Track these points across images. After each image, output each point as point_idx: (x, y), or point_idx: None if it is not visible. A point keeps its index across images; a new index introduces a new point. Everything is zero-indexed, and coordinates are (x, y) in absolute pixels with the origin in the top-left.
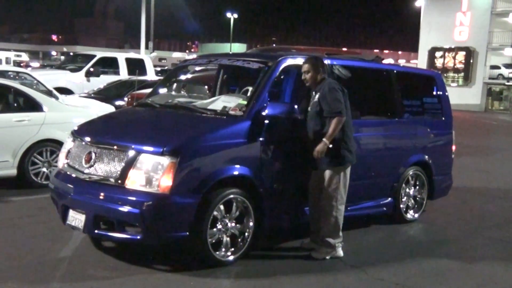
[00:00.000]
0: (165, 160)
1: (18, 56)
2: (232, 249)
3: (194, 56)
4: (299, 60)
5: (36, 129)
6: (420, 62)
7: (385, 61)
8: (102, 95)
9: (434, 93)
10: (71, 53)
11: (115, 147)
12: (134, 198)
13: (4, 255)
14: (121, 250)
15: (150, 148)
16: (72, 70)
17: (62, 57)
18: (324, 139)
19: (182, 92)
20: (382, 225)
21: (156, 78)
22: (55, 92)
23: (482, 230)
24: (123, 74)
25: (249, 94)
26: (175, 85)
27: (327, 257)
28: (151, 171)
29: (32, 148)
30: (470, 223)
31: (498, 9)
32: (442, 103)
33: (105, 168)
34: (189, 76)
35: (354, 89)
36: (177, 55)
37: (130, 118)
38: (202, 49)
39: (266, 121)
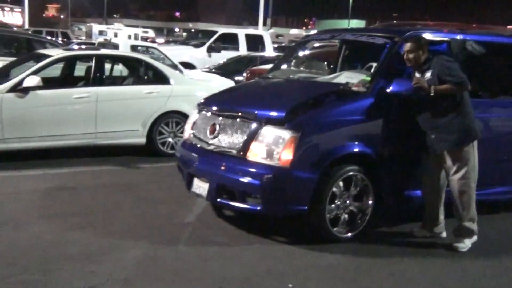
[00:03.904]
0: (287, 134)
1: (145, 32)
2: (350, 226)
3: (312, 32)
4: (428, 35)
5: (164, 101)
6: None
7: None
8: (222, 70)
9: None
10: (193, 30)
11: (239, 113)
12: (255, 170)
13: (135, 217)
14: (241, 220)
15: (273, 121)
16: (195, 46)
17: (185, 34)
18: (432, 87)
19: (302, 68)
20: None
21: (274, 54)
22: (180, 66)
23: None
24: (243, 50)
25: (372, 70)
26: (295, 61)
27: (471, 245)
28: (272, 144)
29: (159, 118)
30: None
31: None
32: None
33: (228, 139)
34: (308, 52)
35: (488, 66)
36: (294, 31)
37: (254, 90)
38: (320, 25)
39: (390, 99)
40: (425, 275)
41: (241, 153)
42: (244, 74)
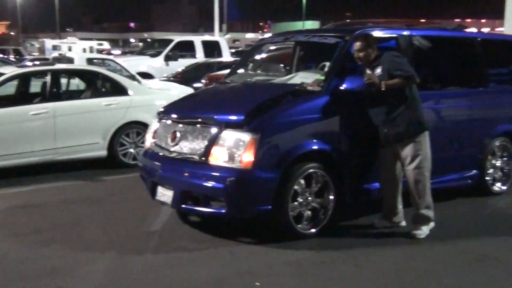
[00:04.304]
0: (247, 137)
1: (100, 44)
2: (313, 222)
3: (267, 35)
4: (377, 33)
5: (123, 112)
6: (507, 29)
7: (467, 30)
8: (181, 78)
9: None
10: (148, 39)
11: (199, 119)
12: (217, 174)
13: (101, 229)
14: (207, 224)
15: (232, 125)
16: (152, 56)
17: (141, 44)
18: (383, 82)
19: (258, 71)
20: (468, 198)
21: (231, 59)
22: (137, 76)
23: None
24: (200, 57)
25: (326, 69)
26: (251, 64)
27: (428, 232)
28: (233, 147)
29: (120, 130)
30: None
31: None
32: None
33: (190, 145)
34: (265, 55)
35: (435, 60)
36: (250, 35)
37: (212, 95)
38: (275, 28)
39: (344, 96)
40: (388, 263)
41: (203, 158)
42: (203, 81)
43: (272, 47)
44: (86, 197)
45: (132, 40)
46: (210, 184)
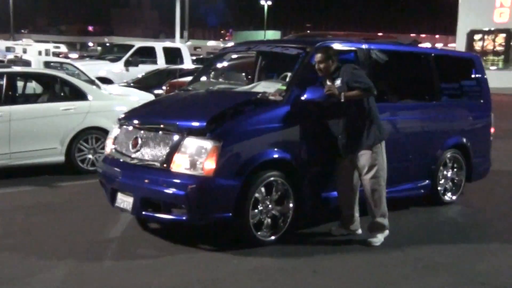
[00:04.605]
0: (209, 144)
1: (56, 47)
2: (273, 230)
3: (230, 44)
4: (336, 45)
5: (82, 117)
6: (459, 45)
7: (422, 45)
8: (141, 84)
9: (473, 75)
10: (108, 44)
11: (161, 126)
12: (179, 181)
13: (58, 237)
14: (167, 231)
15: (194, 132)
16: (112, 60)
17: (99, 48)
18: (342, 94)
19: (220, 79)
20: (421, 207)
21: (193, 66)
22: (96, 81)
23: None
24: (161, 63)
25: (287, 79)
26: (213, 72)
27: (383, 240)
28: (195, 155)
29: (78, 135)
30: (508, 205)
31: None
32: (481, 85)
33: (151, 152)
34: (227, 63)
35: (391, 73)
36: (211, 43)
37: (174, 102)
38: (237, 37)
39: (305, 106)
40: (346, 270)
41: (165, 165)
42: (164, 87)
43: (235, 56)
44: (42, 204)
45: (90, 44)
46: (171, 191)
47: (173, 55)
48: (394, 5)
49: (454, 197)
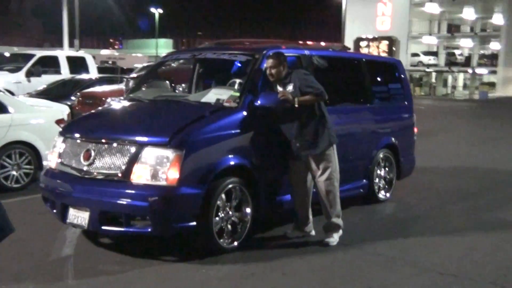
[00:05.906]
0: (171, 153)
1: None
2: (234, 236)
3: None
4: (283, 52)
5: (4, 132)
6: None
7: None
8: (47, 95)
9: (397, 79)
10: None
11: (118, 141)
12: (141, 192)
13: (6, 258)
14: (120, 245)
15: (155, 142)
16: (11, 71)
17: None
18: (296, 99)
19: (163, 87)
20: (359, 206)
21: (99, 76)
22: (7, 93)
23: (448, 204)
24: (65, 73)
25: (236, 86)
26: (154, 81)
27: (338, 239)
28: (157, 165)
29: (0, 151)
30: (437, 198)
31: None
32: (404, 88)
33: (108, 164)
34: (170, 71)
35: (331, 78)
36: (105, 52)
37: (125, 113)
38: (128, 45)
39: (259, 111)
40: (313, 270)
41: (124, 176)
42: (74, 98)
43: (174, 64)
44: None
45: None
46: (133, 203)
47: (77, 64)
48: (281, 15)
49: (388, 195)
